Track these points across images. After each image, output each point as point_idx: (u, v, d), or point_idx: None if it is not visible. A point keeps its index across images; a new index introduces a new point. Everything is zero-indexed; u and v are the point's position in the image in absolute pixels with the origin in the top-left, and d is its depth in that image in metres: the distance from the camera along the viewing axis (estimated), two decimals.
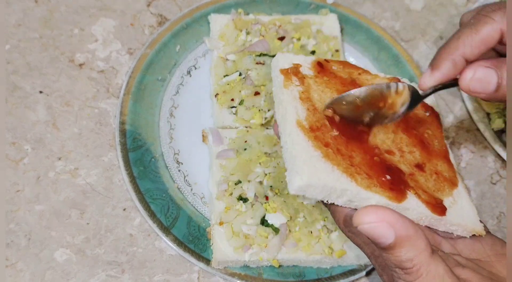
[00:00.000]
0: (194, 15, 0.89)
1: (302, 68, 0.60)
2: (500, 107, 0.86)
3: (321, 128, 0.55)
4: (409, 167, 0.56)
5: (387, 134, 0.58)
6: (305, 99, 0.57)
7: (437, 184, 0.57)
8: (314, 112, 0.56)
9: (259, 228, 0.70)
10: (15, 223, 0.72)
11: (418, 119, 0.62)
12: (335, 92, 0.58)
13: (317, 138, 0.53)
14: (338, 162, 0.52)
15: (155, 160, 0.78)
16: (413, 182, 0.55)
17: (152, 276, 0.71)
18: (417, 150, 0.58)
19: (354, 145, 0.55)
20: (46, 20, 0.88)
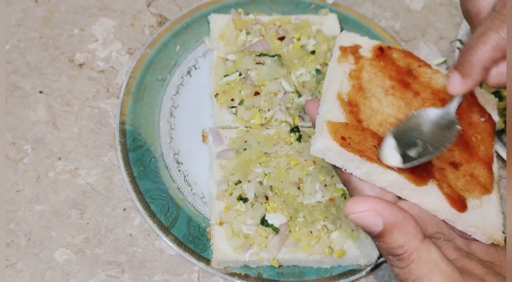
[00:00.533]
0: (194, 15, 0.89)
1: (362, 49, 0.61)
2: (500, 108, 0.86)
3: (359, 106, 0.56)
4: (442, 162, 0.55)
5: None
6: (354, 77, 0.58)
7: (467, 184, 0.56)
8: (358, 90, 0.57)
9: (259, 228, 0.70)
10: (15, 223, 0.72)
11: (470, 122, 0.61)
12: (387, 78, 0.59)
13: (351, 112, 0.55)
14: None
15: (155, 160, 0.78)
16: (440, 175, 0.54)
17: (152, 276, 0.71)
18: (457, 150, 0.57)
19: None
20: (46, 20, 0.88)
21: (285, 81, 0.81)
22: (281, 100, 0.80)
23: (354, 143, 0.52)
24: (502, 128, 0.85)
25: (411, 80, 0.59)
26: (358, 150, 0.51)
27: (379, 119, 0.55)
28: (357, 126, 0.54)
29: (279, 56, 0.84)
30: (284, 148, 0.77)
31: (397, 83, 0.58)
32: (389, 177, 0.51)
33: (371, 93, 0.57)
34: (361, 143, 0.52)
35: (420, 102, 0.58)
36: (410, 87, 0.58)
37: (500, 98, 0.87)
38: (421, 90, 0.59)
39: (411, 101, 0.58)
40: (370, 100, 0.57)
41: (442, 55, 0.96)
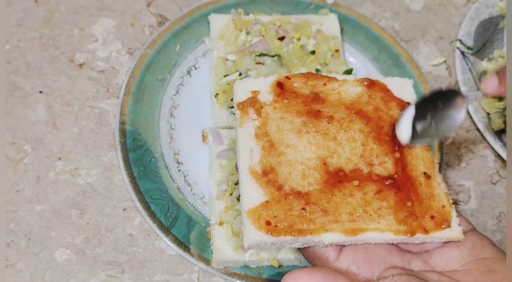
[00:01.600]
0: (194, 15, 0.89)
1: (261, 94, 0.59)
2: (500, 108, 0.86)
3: (275, 169, 0.54)
4: (378, 183, 0.55)
5: (354, 149, 0.56)
6: (260, 135, 0.56)
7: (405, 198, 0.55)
8: (269, 150, 0.55)
9: None
10: (15, 223, 0.72)
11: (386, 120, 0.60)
12: (295, 116, 0.57)
13: (269, 182, 0.53)
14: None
15: (155, 160, 0.78)
16: (378, 203, 0.53)
17: (152, 276, 0.71)
18: (390, 158, 0.57)
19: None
20: (46, 20, 0.88)
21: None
22: None
23: (281, 220, 0.51)
24: (502, 128, 0.85)
25: (320, 107, 0.58)
26: (287, 228, 0.51)
27: (300, 171, 0.54)
28: (278, 197, 0.53)
29: (279, 56, 0.84)
30: None
31: (307, 117, 0.57)
32: (325, 241, 0.51)
33: (284, 145, 0.56)
34: (288, 214, 0.52)
35: (337, 126, 0.57)
36: (321, 115, 0.57)
37: (500, 98, 0.87)
38: (334, 112, 0.58)
39: (328, 130, 0.57)
40: (285, 155, 0.55)
41: (442, 55, 0.96)
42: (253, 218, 0.51)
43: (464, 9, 1.01)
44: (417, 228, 0.53)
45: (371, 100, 0.59)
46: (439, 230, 0.53)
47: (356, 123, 0.57)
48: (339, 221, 0.52)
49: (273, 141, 0.55)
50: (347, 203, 0.53)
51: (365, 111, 0.58)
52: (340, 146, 0.56)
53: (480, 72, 0.91)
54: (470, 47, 0.93)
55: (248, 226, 0.51)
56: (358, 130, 0.57)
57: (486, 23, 0.96)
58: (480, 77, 0.91)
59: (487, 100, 0.87)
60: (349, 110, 0.58)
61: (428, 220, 0.54)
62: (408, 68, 0.89)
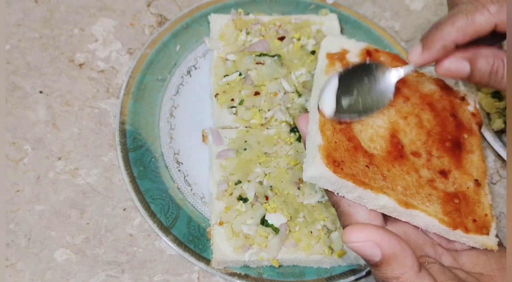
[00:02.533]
0: (194, 15, 0.89)
1: (349, 54, 0.59)
2: (500, 108, 0.86)
3: (348, 122, 0.55)
4: (432, 171, 0.55)
5: (419, 135, 0.57)
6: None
7: (457, 193, 0.56)
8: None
9: (259, 228, 0.70)
10: (15, 223, 0.72)
11: (458, 124, 0.60)
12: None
13: (342, 130, 0.54)
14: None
15: (155, 160, 0.78)
16: (428, 190, 0.54)
17: (152, 276, 0.71)
18: (448, 156, 0.57)
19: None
20: (46, 20, 0.88)
21: (285, 81, 0.81)
22: (281, 100, 0.80)
23: (346, 166, 0.52)
24: (502, 128, 0.85)
25: (400, 85, 0.58)
26: (351, 175, 0.51)
27: (369, 134, 0.55)
28: (348, 146, 0.53)
29: (279, 56, 0.84)
30: (284, 148, 0.77)
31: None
32: (380, 202, 0.52)
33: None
34: (353, 164, 0.52)
35: (410, 108, 0.58)
36: (400, 92, 0.58)
37: (500, 98, 0.87)
38: (411, 95, 0.59)
39: (402, 108, 0.57)
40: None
41: None
42: (323, 153, 0.51)
43: None
44: (460, 225, 0.53)
45: (442, 100, 0.60)
46: (477, 233, 0.54)
47: (425, 113, 0.58)
48: (395, 190, 0.53)
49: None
50: (403, 179, 0.54)
51: (435, 107, 0.59)
52: (409, 126, 0.57)
53: None
54: None
55: (318, 159, 0.51)
56: (426, 120, 0.58)
57: None
58: None
59: (487, 100, 0.87)
60: (422, 99, 0.59)
61: (470, 221, 0.54)
62: None
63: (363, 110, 0.56)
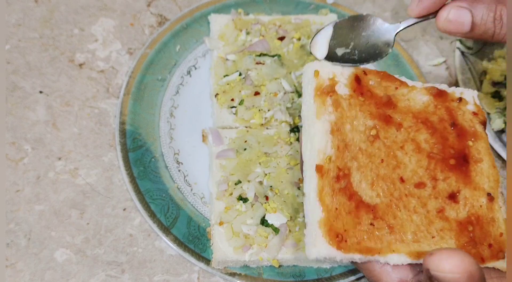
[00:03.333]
0: (194, 15, 0.89)
1: (338, 85, 0.55)
2: (500, 108, 0.86)
3: (350, 171, 0.51)
4: (440, 199, 0.53)
5: (420, 161, 0.54)
6: (336, 132, 0.53)
7: (470, 215, 0.54)
8: (344, 152, 0.52)
9: (259, 228, 0.70)
10: (15, 223, 0.72)
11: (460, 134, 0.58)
12: (368, 117, 0.55)
13: (341, 191, 0.51)
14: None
15: (155, 160, 0.78)
16: (441, 223, 0.52)
17: (152, 276, 0.71)
18: (454, 174, 0.54)
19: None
20: (46, 20, 0.88)
21: (285, 81, 0.81)
22: (281, 100, 0.80)
23: (350, 235, 0.49)
24: (502, 128, 0.85)
25: (391, 112, 0.56)
26: (356, 244, 0.49)
27: (370, 179, 0.52)
28: (350, 207, 0.50)
29: (279, 56, 0.84)
30: (284, 148, 0.77)
31: (379, 121, 0.55)
32: (391, 261, 0.50)
33: (357, 148, 0.53)
34: (357, 229, 0.50)
35: (404, 135, 0.55)
36: (391, 121, 0.55)
37: (500, 98, 0.87)
38: (403, 119, 0.56)
39: (396, 138, 0.55)
40: (357, 159, 0.53)
41: (442, 55, 0.96)
42: (325, 229, 0.49)
43: None
44: (475, 256, 0.51)
45: (437, 110, 0.57)
46: (494, 260, 0.52)
47: (422, 134, 0.55)
48: (404, 241, 0.50)
49: (347, 141, 0.52)
50: (411, 221, 0.51)
51: (431, 122, 0.56)
52: (407, 156, 0.54)
53: (480, 72, 0.91)
54: (470, 47, 0.93)
55: (319, 239, 0.48)
56: (424, 141, 0.55)
57: None
58: (480, 77, 0.91)
59: (487, 100, 0.87)
60: (416, 119, 0.56)
61: (486, 248, 0.52)
62: (408, 68, 0.89)
63: (358, 60, 0.55)
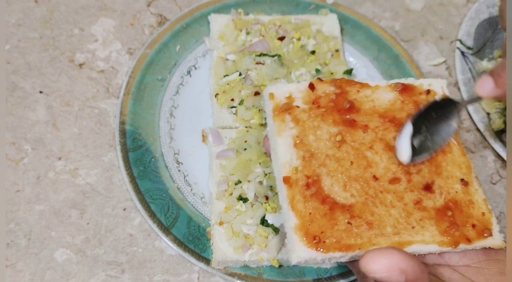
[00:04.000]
0: (194, 15, 0.89)
1: (296, 101, 0.56)
2: (500, 108, 0.86)
3: (319, 178, 0.53)
4: (416, 192, 0.54)
5: (392, 158, 0.55)
6: (300, 145, 0.54)
7: (447, 203, 0.55)
8: (310, 161, 0.54)
9: (259, 228, 0.70)
10: (15, 223, 0.72)
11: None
12: (332, 125, 0.56)
13: (313, 196, 0.52)
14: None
15: (155, 160, 0.78)
16: (419, 214, 0.53)
17: (152, 276, 0.71)
18: (426, 166, 0.55)
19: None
20: (46, 20, 0.88)
21: (285, 81, 0.81)
22: None
23: (328, 235, 0.50)
24: (502, 129, 0.85)
25: (354, 116, 0.56)
26: (335, 244, 0.50)
27: (342, 183, 0.53)
28: (324, 210, 0.51)
29: (279, 56, 0.84)
30: None
31: (344, 127, 0.56)
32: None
33: (323, 156, 0.54)
34: (334, 229, 0.51)
35: (372, 135, 0.56)
36: (356, 125, 0.56)
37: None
38: (369, 121, 0.57)
39: (364, 140, 0.56)
40: (326, 166, 0.54)
41: (442, 55, 0.96)
42: (300, 234, 0.50)
43: (464, 9, 1.01)
44: (460, 238, 0.52)
45: (404, 106, 0.58)
46: (481, 239, 0.53)
47: (390, 132, 0.56)
48: (384, 234, 0.51)
49: (313, 151, 0.54)
50: (390, 215, 0.52)
51: (398, 119, 0.57)
52: (377, 155, 0.55)
53: (480, 72, 0.91)
54: (470, 47, 0.93)
55: (297, 243, 0.50)
56: (393, 139, 0.56)
57: (486, 23, 0.96)
58: None
59: (487, 100, 0.87)
60: (383, 119, 0.57)
61: (469, 229, 0.53)
62: (408, 68, 0.89)
63: (432, 147, 0.55)
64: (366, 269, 0.43)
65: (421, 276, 0.44)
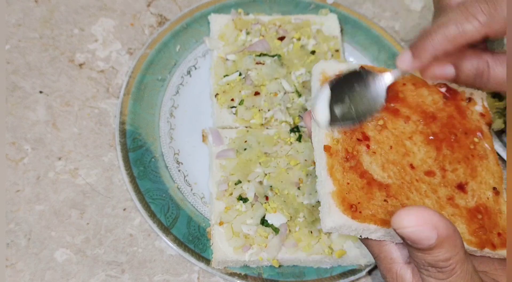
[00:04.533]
0: (194, 15, 0.89)
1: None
2: (500, 107, 0.86)
3: (358, 153, 0.53)
4: (449, 187, 0.54)
5: (429, 152, 0.56)
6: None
7: (478, 206, 0.55)
8: (351, 136, 0.54)
9: (259, 228, 0.70)
10: (15, 223, 0.72)
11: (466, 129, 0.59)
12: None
13: (352, 168, 0.52)
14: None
15: (155, 160, 0.78)
16: (452, 209, 0.53)
17: (152, 276, 0.71)
18: (462, 166, 0.56)
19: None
20: (46, 20, 0.88)
21: (285, 81, 0.81)
22: (281, 100, 0.80)
23: (364, 207, 0.50)
24: (502, 129, 0.85)
25: (398, 105, 0.57)
26: (371, 216, 0.50)
27: (380, 163, 0.54)
28: (362, 184, 0.52)
29: (279, 56, 0.84)
30: (284, 148, 0.77)
31: (386, 113, 0.56)
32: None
33: (364, 135, 0.55)
34: (371, 203, 0.51)
35: (413, 127, 0.57)
36: (399, 114, 0.57)
37: (500, 98, 0.87)
38: (411, 114, 0.57)
39: (405, 129, 0.56)
40: (365, 145, 0.54)
41: None
42: (338, 200, 0.50)
43: None
44: (487, 243, 0.53)
45: (446, 107, 0.59)
46: (504, 248, 0.53)
47: (431, 127, 0.57)
48: None
49: (354, 130, 0.55)
50: (423, 203, 0.53)
51: (440, 117, 0.58)
52: (416, 146, 0.56)
53: None
54: None
55: (333, 208, 0.50)
56: (432, 134, 0.57)
57: None
58: None
59: (487, 100, 0.86)
60: (424, 114, 0.58)
61: (495, 236, 0.53)
62: None
63: (356, 117, 0.55)
64: (397, 225, 0.43)
65: (453, 235, 0.44)
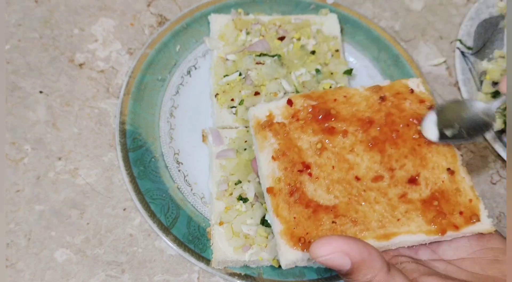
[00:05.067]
0: (194, 15, 0.89)
1: (276, 118, 0.59)
2: (500, 108, 0.86)
3: (302, 185, 0.55)
4: (400, 186, 0.55)
5: (373, 157, 0.57)
6: (281, 157, 0.56)
7: (434, 194, 0.56)
8: (292, 170, 0.55)
9: (259, 228, 0.70)
10: (15, 223, 0.72)
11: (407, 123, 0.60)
12: (312, 135, 0.58)
13: (296, 202, 0.54)
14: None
15: (155, 160, 0.78)
16: (405, 206, 0.54)
17: (152, 276, 0.71)
18: (409, 160, 0.57)
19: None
20: (46, 20, 0.88)
21: (285, 81, 0.81)
22: None
23: (313, 235, 0.52)
24: (502, 129, 0.85)
25: (333, 123, 0.58)
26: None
27: (324, 186, 0.55)
28: (308, 214, 0.53)
29: (279, 56, 0.84)
30: None
31: (323, 135, 0.58)
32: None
33: (305, 164, 0.56)
34: (319, 229, 0.52)
35: (352, 139, 0.58)
36: (335, 131, 0.58)
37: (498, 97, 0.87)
38: (348, 126, 0.58)
39: (344, 144, 0.57)
40: (307, 173, 0.56)
41: (442, 55, 0.96)
42: (286, 238, 0.52)
43: (464, 9, 1.01)
44: (448, 226, 0.54)
45: (382, 107, 0.60)
46: (469, 225, 0.54)
47: (370, 133, 0.58)
48: (370, 228, 0.53)
49: (294, 161, 0.56)
50: (374, 211, 0.54)
51: (378, 119, 0.59)
52: (359, 156, 0.57)
53: (480, 72, 0.91)
54: (470, 47, 0.93)
55: (283, 246, 0.52)
56: (373, 139, 0.58)
57: (486, 23, 0.96)
58: (480, 77, 0.91)
59: (487, 101, 0.87)
60: (361, 121, 0.59)
61: (457, 216, 0.54)
62: (408, 68, 0.89)
63: (468, 137, 0.58)
64: (313, 255, 0.46)
65: (368, 258, 0.46)
